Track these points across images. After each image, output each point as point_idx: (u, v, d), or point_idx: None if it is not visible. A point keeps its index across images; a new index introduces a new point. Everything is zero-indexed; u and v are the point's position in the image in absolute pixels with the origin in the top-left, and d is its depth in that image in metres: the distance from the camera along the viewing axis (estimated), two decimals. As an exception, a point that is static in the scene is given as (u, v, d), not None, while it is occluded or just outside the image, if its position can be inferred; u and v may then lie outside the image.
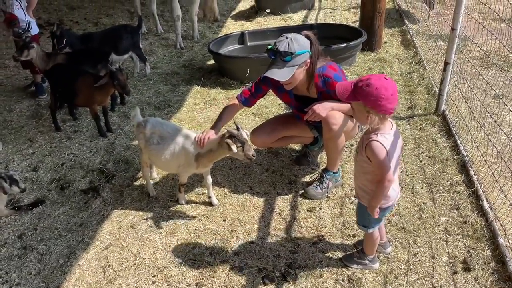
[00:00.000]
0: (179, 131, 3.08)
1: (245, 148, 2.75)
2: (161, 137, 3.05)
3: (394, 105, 2.13)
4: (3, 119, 4.41)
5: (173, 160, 3.03)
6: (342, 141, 3.11)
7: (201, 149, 2.91)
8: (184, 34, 6.70)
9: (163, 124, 3.14)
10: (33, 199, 3.36)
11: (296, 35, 2.86)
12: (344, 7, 7.54)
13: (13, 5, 4.58)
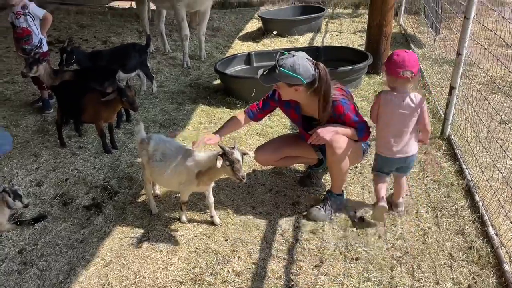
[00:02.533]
0: (182, 148, 3.09)
1: (234, 168, 2.74)
2: (164, 154, 3.05)
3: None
4: (10, 134, 4.43)
5: (174, 177, 3.03)
6: (346, 165, 3.09)
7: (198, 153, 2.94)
8: (192, 53, 6.77)
9: (166, 141, 3.15)
10: (36, 214, 3.35)
11: (302, 59, 2.85)
12: (350, 30, 7.61)
13: (27, 20, 4.65)
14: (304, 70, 2.83)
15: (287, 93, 2.99)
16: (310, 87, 2.89)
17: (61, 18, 8.55)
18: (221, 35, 7.71)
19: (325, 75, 2.88)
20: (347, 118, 3.00)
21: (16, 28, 4.69)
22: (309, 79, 2.84)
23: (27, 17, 4.65)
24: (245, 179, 2.76)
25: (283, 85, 2.92)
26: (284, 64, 2.83)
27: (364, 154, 3.33)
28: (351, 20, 8.12)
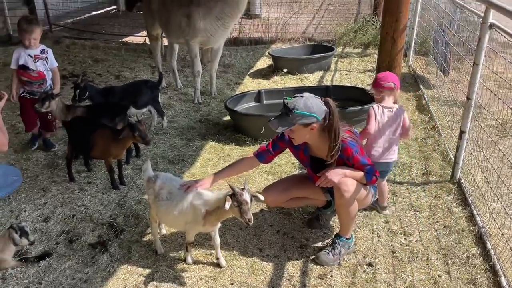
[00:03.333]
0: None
1: (242, 210, 2.72)
2: (170, 193, 3.04)
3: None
4: (20, 167, 4.47)
5: (181, 217, 3.00)
6: (354, 208, 3.06)
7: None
8: (203, 89, 6.85)
9: (173, 179, 3.15)
10: (41, 251, 3.33)
11: (312, 98, 2.89)
12: (359, 69, 7.68)
13: (44, 65, 4.62)
14: (317, 108, 2.86)
15: (302, 135, 2.98)
16: (323, 124, 2.91)
17: (76, 52, 8.74)
18: (232, 72, 7.82)
19: (335, 110, 2.91)
20: (355, 160, 2.99)
21: (30, 71, 4.55)
22: (322, 115, 2.88)
23: (45, 62, 4.62)
24: (251, 222, 2.74)
25: (298, 127, 2.90)
26: (297, 106, 2.84)
27: (373, 198, 3.30)
28: (361, 60, 8.21)
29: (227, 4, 5.59)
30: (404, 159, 4.56)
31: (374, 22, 9.15)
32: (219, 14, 5.70)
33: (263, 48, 9.11)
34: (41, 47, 4.62)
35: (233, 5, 5.57)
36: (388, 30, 5.29)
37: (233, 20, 5.95)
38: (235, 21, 6.38)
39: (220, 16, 5.71)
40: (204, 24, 5.79)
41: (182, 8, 5.88)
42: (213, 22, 5.77)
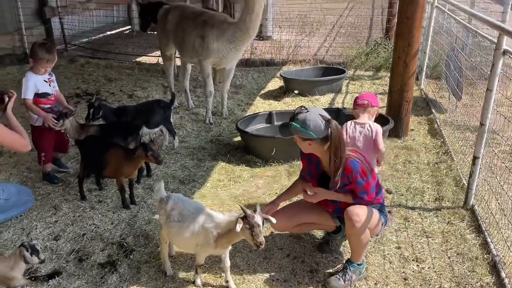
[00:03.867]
0: (201, 209, 3.07)
1: (253, 232, 2.72)
2: (182, 214, 3.04)
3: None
4: (32, 185, 4.50)
5: (192, 239, 2.99)
6: (366, 236, 3.04)
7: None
8: (214, 110, 6.89)
9: (184, 201, 3.15)
10: (51, 269, 3.33)
11: (314, 116, 2.93)
12: (371, 92, 7.68)
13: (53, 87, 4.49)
14: (314, 126, 2.90)
15: (304, 147, 3.09)
16: (323, 142, 2.94)
17: (91, 71, 8.87)
18: (243, 93, 7.87)
19: (336, 133, 2.91)
20: (353, 180, 3.00)
21: (50, 96, 4.43)
22: (320, 135, 2.90)
23: (53, 84, 4.51)
24: (263, 245, 2.72)
25: (298, 138, 3.03)
26: (297, 119, 2.95)
27: (383, 226, 3.26)
28: (372, 82, 8.23)
29: (238, 29, 5.67)
30: (416, 183, 4.53)
31: (386, 45, 9.20)
32: (231, 37, 5.78)
33: (274, 70, 9.18)
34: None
35: (243, 30, 5.64)
36: (400, 54, 5.32)
37: (244, 44, 6.01)
38: (247, 45, 6.45)
39: (232, 39, 5.79)
40: (217, 45, 5.87)
41: (196, 29, 6.00)
42: (225, 44, 5.85)
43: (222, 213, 3.06)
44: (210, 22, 5.92)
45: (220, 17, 6.07)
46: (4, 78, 8.26)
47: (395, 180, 4.62)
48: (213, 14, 6.16)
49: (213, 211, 3.09)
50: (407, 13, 5.15)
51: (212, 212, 3.06)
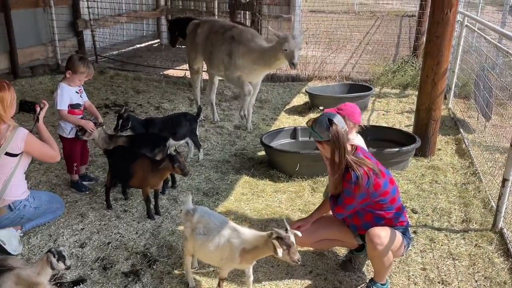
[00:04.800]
0: (226, 223, 3.08)
1: (290, 252, 2.72)
2: (208, 227, 3.05)
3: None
4: (60, 193, 4.60)
5: (217, 253, 2.99)
6: (389, 259, 3.02)
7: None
8: (238, 123, 6.95)
9: (210, 214, 3.16)
10: (76, 276, 3.38)
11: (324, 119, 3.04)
12: (397, 110, 7.63)
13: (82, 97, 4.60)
14: (319, 128, 3.03)
15: (320, 149, 3.19)
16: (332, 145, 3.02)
17: (119, 83, 9.07)
18: (268, 107, 7.91)
19: (336, 136, 2.98)
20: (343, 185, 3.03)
21: (81, 107, 4.57)
22: (326, 137, 3.02)
23: (82, 95, 4.63)
24: (300, 261, 2.76)
25: (315, 140, 3.16)
26: (314, 122, 3.09)
27: (406, 248, 3.21)
28: (398, 100, 8.16)
29: (262, 58, 5.87)
30: (443, 204, 4.45)
31: (414, 63, 9.13)
32: (255, 60, 5.93)
33: (299, 85, 9.21)
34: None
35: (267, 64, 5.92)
36: (428, 73, 5.27)
37: (266, 71, 6.21)
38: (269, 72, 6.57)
39: (256, 62, 5.94)
40: (242, 62, 6.01)
41: (224, 43, 6.12)
42: (250, 63, 5.99)
43: (249, 228, 3.06)
44: (237, 39, 6.03)
45: (247, 34, 6.15)
46: (37, 87, 8.52)
47: (421, 200, 4.55)
48: (242, 30, 6.25)
49: (239, 226, 3.10)
50: (437, 32, 5.11)
51: (238, 226, 3.07)
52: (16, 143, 3.50)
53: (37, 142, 3.69)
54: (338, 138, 2.98)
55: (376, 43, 13.20)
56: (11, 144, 3.47)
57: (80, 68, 4.40)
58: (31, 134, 3.64)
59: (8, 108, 3.48)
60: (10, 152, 3.50)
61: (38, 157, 3.84)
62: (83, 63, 4.42)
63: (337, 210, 3.12)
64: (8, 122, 3.48)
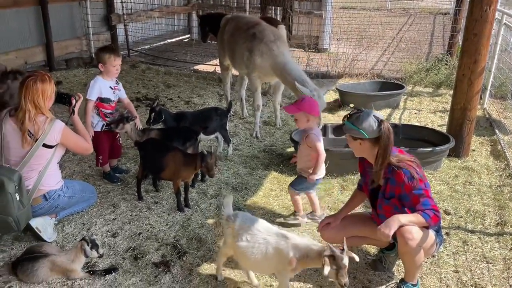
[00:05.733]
0: (272, 229, 2.96)
1: (339, 274, 2.62)
2: (251, 234, 2.91)
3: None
4: (93, 183, 4.69)
5: (263, 261, 2.86)
6: (420, 257, 2.95)
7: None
8: (268, 119, 6.95)
9: (253, 220, 3.02)
10: (108, 265, 3.46)
11: (368, 116, 2.97)
12: (430, 109, 7.47)
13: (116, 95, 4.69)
14: (367, 125, 2.94)
15: (355, 148, 3.13)
16: (374, 143, 2.97)
17: (151, 77, 9.19)
18: (297, 104, 7.86)
19: (387, 134, 2.93)
20: (407, 188, 2.92)
21: (112, 102, 4.62)
22: (372, 134, 2.94)
23: (118, 92, 4.71)
24: (347, 286, 2.66)
25: (349, 138, 3.09)
26: (350, 118, 3.01)
27: (438, 247, 3.15)
28: (431, 99, 7.99)
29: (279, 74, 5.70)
30: (476, 206, 4.34)
31: (448, 61, 8.92)
32: (274, 68, 5.71)
33: (329, 82, 9.12)
34: (115, 79, 4.69)
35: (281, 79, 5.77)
36: (465, 71, 5.14)
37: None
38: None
39: (274, 71, 5.75)
40: (260, 62, 5.80)
41: (246, 41, 5.94)
42: (268, 67, 5.77)
43: (302, 235, 2.92)
44: (259, 37, 5.83)
45: (270, 35, 5.86)
46: (71, 80, 8.72)
47: (454, 201, 4.45)
48: (265, 29, 5.98)
49: (289, 233, 2.96)
50: (475, 30, 4.97)
51: (287, 233, 2.93)
52: (53, 135, 3.58)
53: (73, 134, 3.78)
54: (389, 136, 2.93)
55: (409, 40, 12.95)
56: (48, 136, 3.55)
57: (105, 55, 4.48)
58: (67, 126, 3.73)
59: (47, 100, 3.56)
60: (47, 144, 3.59)
61: (73, 149, 3.93)
62: (105, 50, 4.57)
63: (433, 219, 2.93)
64: (46, 113, 3.57)
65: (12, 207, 3.34)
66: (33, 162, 3.58)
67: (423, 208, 2.91)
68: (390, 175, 2.98)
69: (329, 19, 11.59)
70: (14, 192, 3.33)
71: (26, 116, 3.45)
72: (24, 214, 3.46)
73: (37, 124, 3.50)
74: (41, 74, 3.56)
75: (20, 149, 3.54)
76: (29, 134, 3.50)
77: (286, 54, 5.79)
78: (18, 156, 3.56)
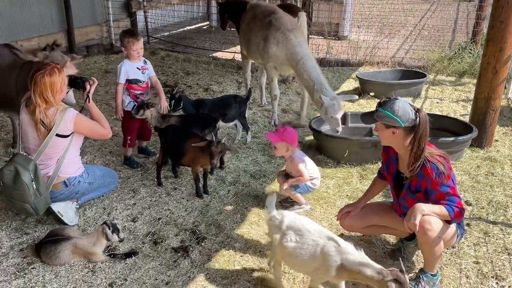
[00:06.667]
0: (321, 231, 2.85)
1: None
2: (300, 235, 2.82)
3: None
4: (114, 168, 4.75)
5: (309, 263, 2.77)
6: (440, 248, 2.92)
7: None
8: (286, 107, 6.92)
9: (302, 219, 2.94)
10: (128, 249, 3.51)
11: (403, 103, 2.88)
12: (452, 99, 7.33)
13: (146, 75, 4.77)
14: (403, 113, 2.84)
15: (385, 137, 3.01)
16: (408, 132, 2.88)
17: (170, 64, 9.22)
18: (317, 92, 7.80)
19: (425, 123, 2.85)
20: (434, 184, 2.88)
21: (141, 82, 4.72)
22: (408, 123, 2.85)
23: (147, 72, 4.79)
24: None
25: (381, 126, 2.97)
26: (385, 105, 2.90)
27: (458, 238, 3.11)
28: (454, 88, 7.84)
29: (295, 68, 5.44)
30: (499, 197, 4.26)
31: (472, 50, 8.71)
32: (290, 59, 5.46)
33: (349, 70, 9.02)
34: (142, 58, 4.81)
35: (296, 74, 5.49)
36: (490, 60, 5.02)
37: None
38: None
39: (290, 62, 5.49)
40: (275, 51, 5.59)
41: (262, 29, 5.77)
42: (284, 58, 5.56)
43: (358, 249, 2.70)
44: (276, 25, 5.60)
45: (287, 24, 5.63)
46: (91, 66, 8.80)
47: (475, 191, 4.38)
48: (282, 17, 5.74)
49: (342, 240, 2.77)
50: (501, 17, 4.84)
51: (340, 240, 2.76)
52: (65, 125, 3.59)
53: (87, 121, 3.77)
54: (426, 123, 2.86)
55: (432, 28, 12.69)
56: (60, 126, 3.56)
57: (125, 40, 4.60)
58: (80, 114, 3.73)
59: (57, 93, 3.55)
60: (61, 134, 3.60)
61: (89, 135, 3.97)
62: (126, 33, 4.67)
63: (457, 214, 2.86)
64: (57, 106, 3.57)
65: (29, 195, 3.42)
66: (49, 151, 3.62)
67: (449, 203, 2.87)
68: (418, 169, 2.93)
69: (349, 5, 11.42)
70: (30, 181, 3.41)
71: (37, 110, 3.49)
72: (42, 201, 3.54)
73: (48, 117, 3.52)
74: (50, 67, 3.54)
75: (36, 138, 3.60)
76: (42, 124, 3.53)
77: (304, 45, 5.56)
78: (35, 144, 3.62)
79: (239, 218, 3.96)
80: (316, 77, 5.20)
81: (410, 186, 3.04)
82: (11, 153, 4.67)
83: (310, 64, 5.33)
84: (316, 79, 5.18)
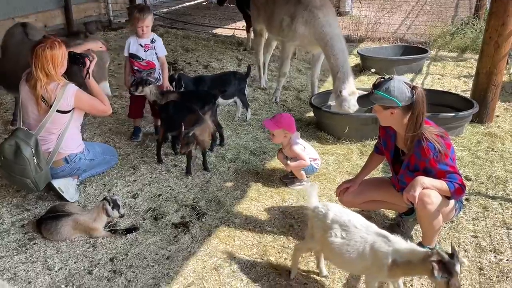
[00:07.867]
0: (370, 227, 2.67)
1: (451, 282, 2.28)
2: (346, 230, 2.63)
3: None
4: (114, 145, 4.76)
5: (357, 261, 2.59)
6: (438, 222, 2.94)
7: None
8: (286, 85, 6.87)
9: (348, 214, 2.73)
10: (129, 225, 3.54)
11: (399, 83, 2.84)
12: (454, 74, 7.27)
13: (153, 54, 4.75)
14: (399, 93, 2.81)
15: (384, 118, 3.00)
16: (406, 111, 2.86)
17: (169, 41, 9.10)
18: (317, 69, 7.73)
19: (421, 100, 2.83)
20: (432, 164, 2.88)
21: (140, 59, 4.75)
22: (405, 102, 2.82)
23: (154, 51, 4.75)
24: None
25: (379, 108, 2.95)
26: (380, 87, 2.87)
27: (457, 212, 3.13)
28: (455, 64, 7.76)
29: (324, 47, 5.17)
30: (499, 172, 4.27)
31: (474, 25, 8.60)
32: (319, 39, 5.17)
33: (350, 47, 8.87)
34: (152, 35, 4.74)
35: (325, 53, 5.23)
36: (492, 34, 4.95)
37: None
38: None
39: (319, 41, 5.21)
40: (304, 31, 5.31)
41: (288, 5, 5.45)
42: (312, 37, 5.27)
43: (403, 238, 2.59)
44: (305, 2, 5.28)
45: (315, 0, 5.28)
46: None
47: (475, 167, 4.38)
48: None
49: (390, 233, 2.62)
50: (504, -11, 4.76)
51: (388, 234, 2.60)
52: (66, 101, 3.57)
53: (87, 97, 3.75)
54: (423, 102, 2.83)
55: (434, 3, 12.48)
56: (61, 102, 3.54)
57: (133, 13, 4.69)
58: (80, 89, 3.70)
59: (58, 67, 3.52)
60: (61, 110, 3.58)
61: (89, 112, 3.96)
62: (135, 9, 4.70)
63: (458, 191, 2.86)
64: (58, 80, 3.55)
65: (30, 170, 3.42)
66: (50, 127, 3.61)
67: (450, 180, 2.87)
68: (416, 148, 2.92)
69: (351, -19, 11.23)
70: (31, 156, 3.41)
71: (38, 84, 3.46)
72: (43, 176, 3.55)
73: (48, 92, 3.50)
74: (50, 40, 3.50)
75: (36, 113, 3.58)
76: (43, 99, 3.51)
77: (333, 24, 5.21)
78: (35, 119, 3.61)
79: (239, 194, 3.98)
80: (342, 64, 4.99)
81: (409, 165, 3.03)
82: (10, 130, 4.66)
83: (338, 47, 5.06)
84: (341, 67, 4.97)
